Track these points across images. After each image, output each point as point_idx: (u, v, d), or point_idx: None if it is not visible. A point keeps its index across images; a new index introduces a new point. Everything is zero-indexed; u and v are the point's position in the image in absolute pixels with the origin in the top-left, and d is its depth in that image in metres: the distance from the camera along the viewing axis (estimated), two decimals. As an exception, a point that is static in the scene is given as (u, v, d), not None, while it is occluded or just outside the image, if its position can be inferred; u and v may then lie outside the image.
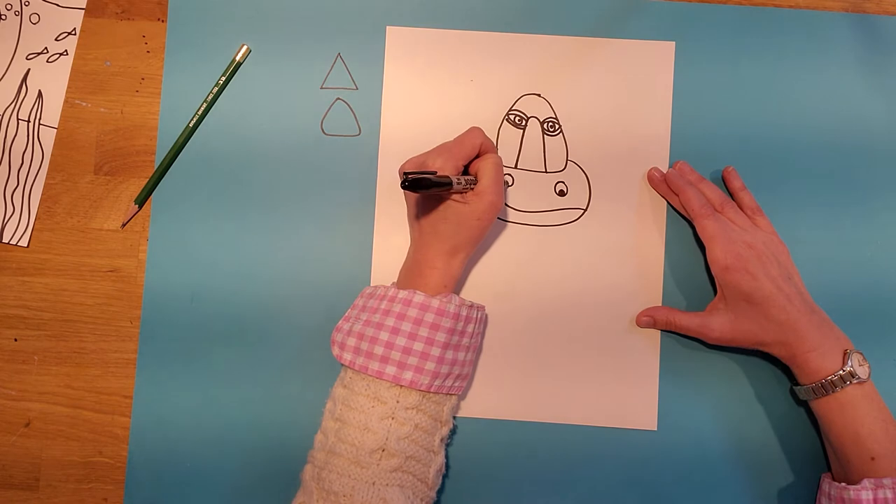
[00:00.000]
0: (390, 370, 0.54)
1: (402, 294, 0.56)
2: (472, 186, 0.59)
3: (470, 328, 0.58)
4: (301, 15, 0.66)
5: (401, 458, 0.54)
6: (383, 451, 0.53)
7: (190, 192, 0.65)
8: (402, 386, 0.55)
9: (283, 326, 0.64)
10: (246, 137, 0.65)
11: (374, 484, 0.53)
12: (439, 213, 0.58)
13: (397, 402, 0.54)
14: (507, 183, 0.65)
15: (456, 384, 0.58)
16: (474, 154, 0.60)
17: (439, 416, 0.57)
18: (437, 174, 0.56)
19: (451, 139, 0.61)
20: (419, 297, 0.56)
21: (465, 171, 0.61)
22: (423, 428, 0.55)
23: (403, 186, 0.54)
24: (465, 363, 0.58)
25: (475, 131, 0.61)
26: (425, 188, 0.54)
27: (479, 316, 0.59)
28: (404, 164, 0.60)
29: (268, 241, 0.65)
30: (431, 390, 0.55)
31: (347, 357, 0.56)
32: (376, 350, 0.55)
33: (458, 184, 0.57)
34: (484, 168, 0.59)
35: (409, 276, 0.59)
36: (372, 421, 0.54)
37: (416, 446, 0.55)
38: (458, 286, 0.64)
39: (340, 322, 0.58)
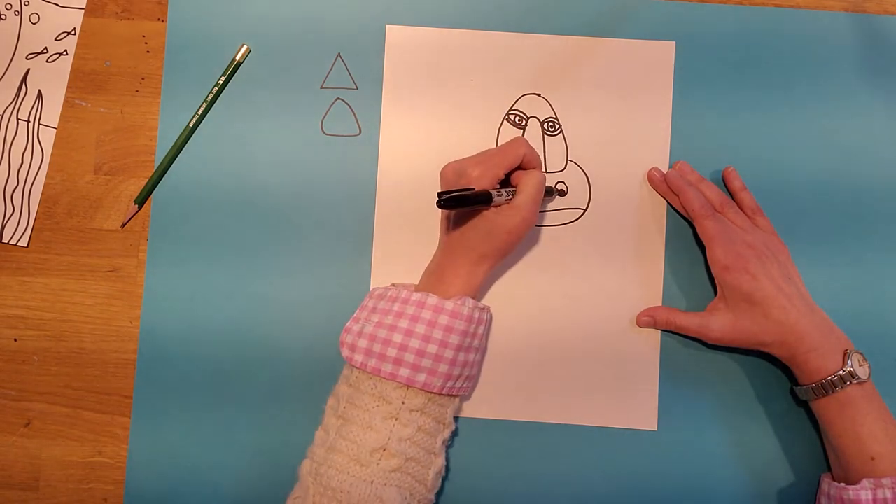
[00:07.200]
0: (404, 372, 0.54)
1: (416, 296, 0.56)
2: (510, 198, 0.58)
3: (481, 330, 0.58)
4: (301, 15, 0.66)
5: (401, 458, 0.54)
6: (384, 450, 0.53)
7: (190, 191, 0.65)
8: (408, 387, 0.55)
9: (283, 325, 0.64)
10: (246, 137, 0.65)
11: (372, 483, 0.53)
12: (471, 221, 0.58)
13: (402, 403, 0.54)
14: (551, 193, 0.65)
15: (465, 385, 0.58)
16: (516, 164, 0.59)
17: (443, 419, 0.57)
18: (476, 189, 0.56)
19: (494, 147, 0.62)
20: (433, 300, 0.55)
21: (507, 181, 0.61)
22: (426, 430, 0.55)
23: (439, 205, 0.53)
24: (475, 364, 0.58)
25: (519, 141, 0.60)
26: (462, 205, 0.55)
27: (488, 317, 0.59)
28: (445, 168, 0.59)
29: (267, 241, 0.65)
30: (444, 392, 0.56)
31: (359, 359, 0.55)
32: (389, 352, 0.54)
33: (499, 196, 0.57)
34: (526, 183, 0.59)
35: (432, 280, 0.59)
36: (375, 420, 0.54)
37: (418, 448, 0.55)
38: (480, 295, 0.63)
39: (349, 323, 0.58)
